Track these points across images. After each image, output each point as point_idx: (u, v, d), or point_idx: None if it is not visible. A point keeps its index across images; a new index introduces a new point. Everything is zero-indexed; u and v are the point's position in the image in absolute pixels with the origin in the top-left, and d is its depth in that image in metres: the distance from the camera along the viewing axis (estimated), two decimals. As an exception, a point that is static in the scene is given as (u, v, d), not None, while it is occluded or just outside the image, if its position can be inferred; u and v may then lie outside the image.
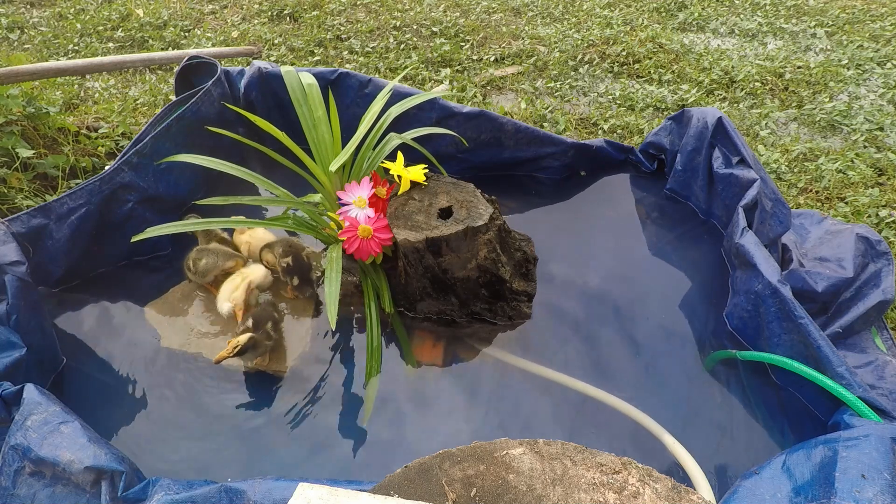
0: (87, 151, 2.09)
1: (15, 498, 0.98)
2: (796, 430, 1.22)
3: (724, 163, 1.58)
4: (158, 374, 1.35)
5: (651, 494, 0.80)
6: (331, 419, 1.27)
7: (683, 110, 1.71)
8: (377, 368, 1.34)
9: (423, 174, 1.41)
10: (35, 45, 3.06)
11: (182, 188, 1.68)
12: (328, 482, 0.90)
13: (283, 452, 1.21)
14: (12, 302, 1.23)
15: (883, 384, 1.23)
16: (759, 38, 2.96)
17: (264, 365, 1.35)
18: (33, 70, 1.93)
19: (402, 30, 3.09)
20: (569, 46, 2.90)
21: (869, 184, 1.97)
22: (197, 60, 1.80)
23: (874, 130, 2.23)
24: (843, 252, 1.43)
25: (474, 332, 1.44)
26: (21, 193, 1.83)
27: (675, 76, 2.63)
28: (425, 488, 0.81)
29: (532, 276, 1.53)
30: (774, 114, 2.36)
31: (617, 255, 1.62)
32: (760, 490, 0.92)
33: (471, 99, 2.53)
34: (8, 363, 1.16)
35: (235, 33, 3.12)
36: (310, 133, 1.47)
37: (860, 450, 0.91)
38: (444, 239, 1.30)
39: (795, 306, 1.20)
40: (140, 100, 2.52)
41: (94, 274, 1.55)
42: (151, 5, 3.43)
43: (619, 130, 2.30)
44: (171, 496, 0.92)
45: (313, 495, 0.77)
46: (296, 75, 1.53)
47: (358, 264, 1.45)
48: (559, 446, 0.86)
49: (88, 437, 0.99)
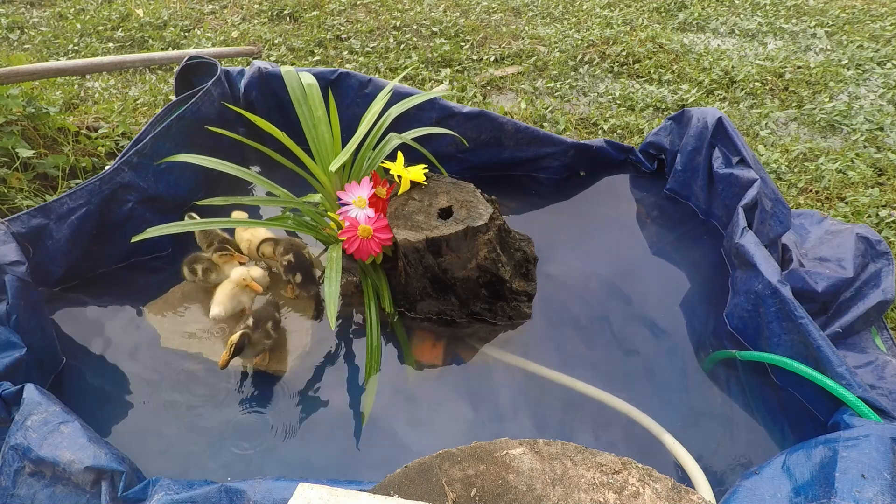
0: (87, 151, 2.09)
1: (15, 498, 0.98)
2: (796, 430, 1.22)
3: (724, 163, 1.58)
4: (158, 374, 1.35)
5: (651, 494, 0.80)
6: (331, 419, 1.27)
7: (683, 110, 1.72)
8: (377, 368, 1.34)
9: (423, 174, 1.41)
10: (35, 45, 3.06)
11: (182, 188, 1.68)
12: (328, 482, 0.90)
13: (283, 452, 1.21)
14: (12, 302, 1.24)
15: (883, 384, 1.23)
16: (759, 38, 2.96)
17: (264, 365, 1.35)
18: (33, 70, 1.93)
19: (402, 30, 3.09)
20: (569, 46, 2.90)
21: (869, 184, 1.97)
22: (197, 60, 1.81)
23: (874, 130, 2.23)
24: (843, 252, 1.43)
25: (474, 332, 1.44)
26: (21, 193, 1.83)
27: (675, 76, 2.63)
28: (425, 488, 0.81)
29: (532, 276, 1.53)
30: (774, 114, 2.36)
31: (617, 255, 1.62)
32: (760, 490, 0.92)
33: (471, 99, 2.53)
34: (8, 363, 1.16)
35: (235, 33, 3.12)
36: (310, 133, 1.47)
37: (860, 450, 0.91)
38: (444, 239, 1.30)
39: (795, 306, 1.20)
40: (140, 100, 2.52)
41: (94, 274, 1.55)
42: (151, 5, 3.43)
43: (619, 130, 2.30)
44: (171, 496, 0.92)
45: (313, 495, 0.77)
46: (296, 75, 1.53)
47: (358, 264, 1.45)
48: (559, 446, 0.86)
49: (88, 437, 0.99)
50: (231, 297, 1.40)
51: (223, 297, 1.39)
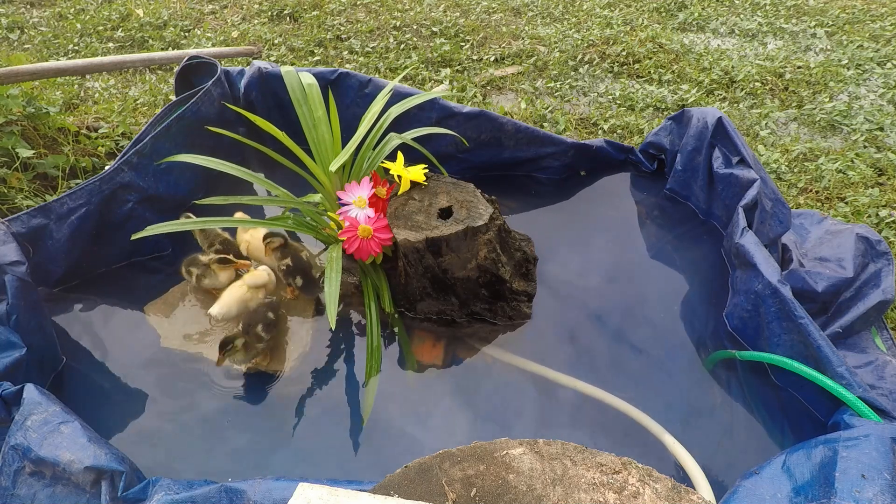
0: (87, 151, 2.09)
1: (15, 498, 0.98)
2: (796, 430, 1.22)
3: (724, 163, 1.58)
4: (158, 374, 1.35)
5: (651, 494, 0.80)
6: (331, 419, 1.27)
7: (683, 110, 1.71)
8: (377, 368, 1.34)
9: (423, 174, 1.41)
10: (35, 45, 3.06)
11: (182, 188, 1.67)
12: (328, 482, 0.90)
13: (282, 452, 1.21)
14: (12, 302, 1.24)
15: (883, 384, 1.23)
16: (759, 38, 2.96)
17: (264, 365, 1.35)
18: (33, 70, 1.93)
19: (402, 30, 3.09)
20: (569, 46, 2.90)
21: (869, 184, 1.97)
22: (197, 60, 1.80)
23: (874, 130, 2.23)
24: (843, 252, 1.43)
25: (474, 332, 1.44)
26: (21, 193, 1.83)
27: (675, 76, 2.63)
28: (425, 488, 0.81)
29: (532, 276, 1.53)
30: (774, 114, 2.36)
31: (617, 256, 1.62)
32: (760, 490, 0.92)
33: (471, 99, 2.53)
34: (8, 363, 1.16)
35: (235, 33, 3.12)
36: (310, 133, 1.47)
37: (860, 450, 0.91)
38: (444, 239, 1.30)
39: (795, 306, 1.20)
40: (140, 100, 2.52)
41: (93, 274, 1.55)
42: (151, 5, 3.43)
43: (619, 130, 2.30)
44: (171, 496, 0.92)
45: (313, 495, 0.77)
46: (296, 75, 1.53)
47: (358, 264, 1.45)
48: (559, 446, 0.86)
49: (88, 437, 0.99)
50: (239, 300, 1.38)
51: (230, 300, 1.37)
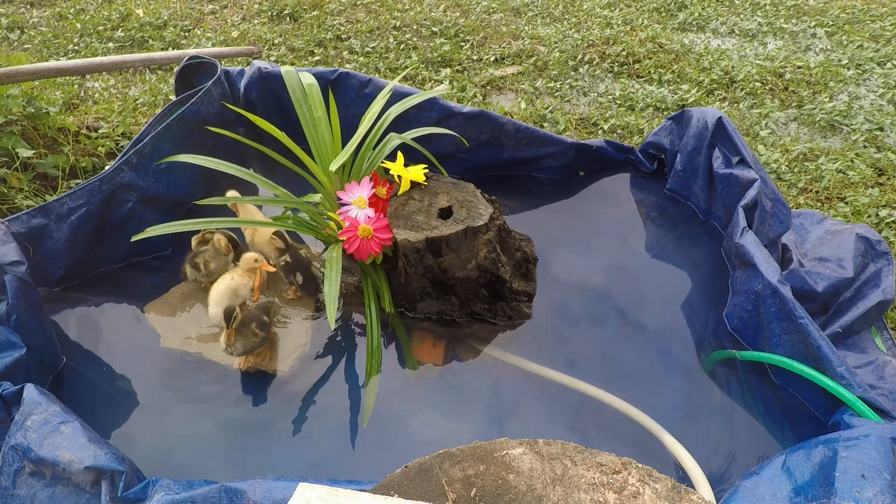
0: (87, 151, 2.09)
1: (15, 498, 0.98)
2: (796, 430, 1.22)
3: (724, 163, 1.58)
4: (158, 374, 1.35)
5: (651, 494, 0.80)
6: (331, 419, 1.27)
7: (683, 110, 1.71)
8: (377, 368, 1.34)
9: (423, 174, 1.41)
10: (35, 45, 3.06)
11: (182, 188, 1.68)
12: (328, 482, 0.90)
13: (282, 452, 1.21)
14: (12, 302, 1.23)
15: (883, 384, 1.23)
16: (759, 38, 2.96)
17: (263, 364, 1.35)
18: (33, 70, 1.93)
19: (402, 30, 3.09)
20: (569, 46, 2.90)
21: (869, 184, 1.97)
22: (197, 60, 1.80)
23: (874, 130, 2.23)
24: (843, 252, 1.43)
25: (474, 332, 1.44)
26: (21, 193, 1.83)
27: (675, 76, 2.63)
28: (425, 488, 0.81)
29: (532, 276, 1.53)
30: (774, 114, 2.36)
31: (617, 256, 1.62)
32: (760, 490, 0.92)
33: (471, 99, 2.53)
34: (8, 363, 1.16)
35: (235, 33, 3.12)
36: (310, 133, 1.47)
37: (860, 450, 0.91)
38: (444, 239, 1.30)
39: (795, 306, 1.20)
40: (140, 100, 2.52)
41: (94, 274, 1.55)
42: (151, 5, 3.43)
43: (619, 130, 2.30)
44: (171, 496, 0.92)
45: (313, 495, 0.77)
46: (296, 75, 1.53)
47: (358, 264, 1.45)
48: (559, 446, 0.86)
49: (88, 437, 0.99)
50: (227, 293, 1.36)
51: (218, 296, 1.36)
